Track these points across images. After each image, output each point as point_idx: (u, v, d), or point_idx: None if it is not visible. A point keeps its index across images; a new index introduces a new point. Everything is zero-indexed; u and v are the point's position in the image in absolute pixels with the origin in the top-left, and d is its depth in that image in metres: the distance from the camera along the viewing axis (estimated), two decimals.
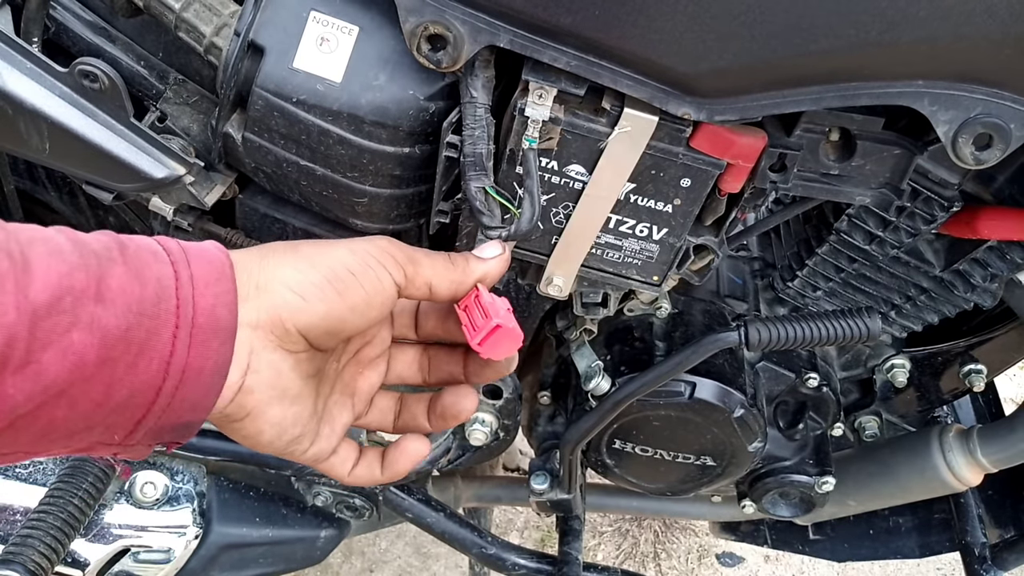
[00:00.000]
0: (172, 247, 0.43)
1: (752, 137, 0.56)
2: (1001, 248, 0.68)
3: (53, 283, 0.36)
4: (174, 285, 0.40)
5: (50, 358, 0.36)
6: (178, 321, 0.40)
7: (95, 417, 0.39)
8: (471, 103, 0.54)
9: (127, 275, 0.39)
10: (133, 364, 0.39)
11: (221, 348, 0.42)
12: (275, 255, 0.46)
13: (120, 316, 0.38)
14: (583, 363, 0.79)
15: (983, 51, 0.50)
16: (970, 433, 0.86)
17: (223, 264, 0.43)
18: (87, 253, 0.39)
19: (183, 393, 0.41)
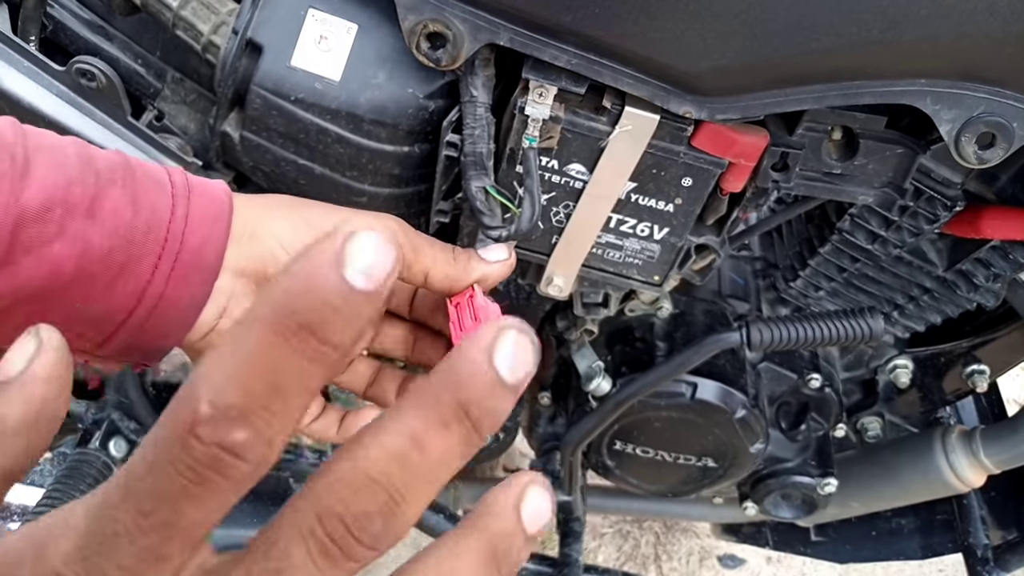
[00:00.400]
0: (178, 180, 0.43)
1: (754, 136, 0.55)
2: (1004, 248, 0.68)
3: (48, 193, 0.37)
4: (168, 218, 0.41)
5: (28, 263, 0.37)
6: (162, 253, 0.41)
7: (67, 323, 0.40)
8: (471, 102, 0.54)
9: (123, 198, 0.40)
10: (110, 284, 0.40)
11: (200, 286, 0.43)
12: (278, 208, 0.46)
13: (106, 236, 0.39)
14: (584, 364, 0.79)
15: (986, 49, 0.50)
16: (973, 434, 0.85)
17: (222, 206, 0.44)
18: (89, 170, 0.39)
19: (155, 320, 0.42)
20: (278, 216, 0.46)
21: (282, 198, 0.48)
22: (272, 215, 0.46)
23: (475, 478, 1.14)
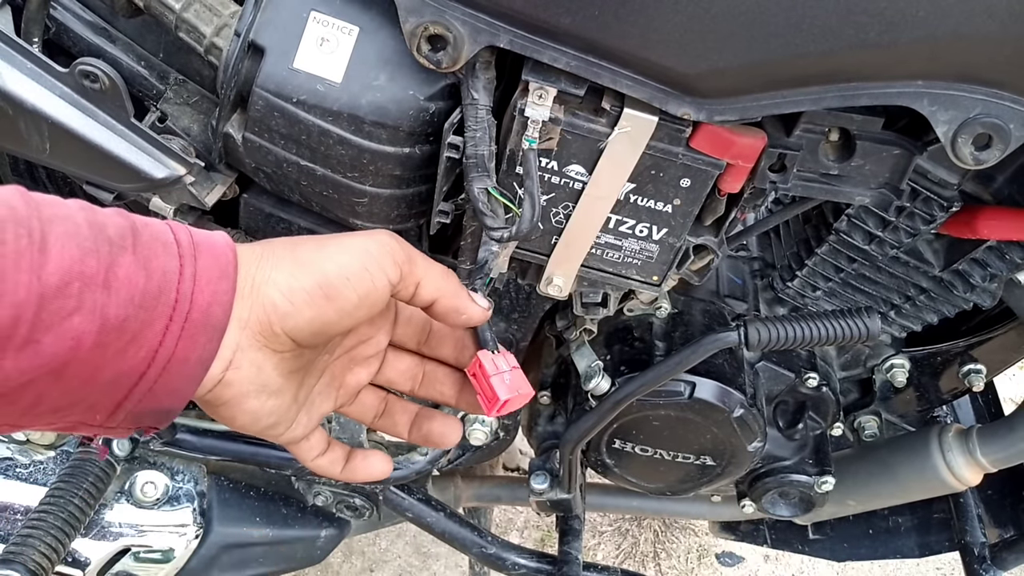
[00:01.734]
0: (183, 239, 0.43)
1: (752, 137, 0.56)
2: (1000, 248, 0.68)
3: (65, 267, 0.37)
4: (176, 279, 0.41)
5: (50, 340, 0.37)
6: (173, 315, 0.41)
7: (80, 395, 0.40)
8: (472, 105, 0.54)
9: (135, 265, 0.40)
10: (123, 350, 0.40)
11: (208, 343, 0.43)
12: (273, 256, 0.46)
13: (122, 306, 0.39)
14: (583, 363, 0.79)
15: (982, 51, 0.50)
16: (969, 433, 0.86)
17: (228, 262, 0.44)
18: (102, 239, 0.39)
19: (165, 380, 0.42)
20: (276, 264, 0.46)
21: (277, 242, 0.48)
22: (270, 264, 0.46)
23: (475, 476, 1.14)
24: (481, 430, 0.85)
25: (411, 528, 1.04)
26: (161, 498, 0.88)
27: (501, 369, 0.52)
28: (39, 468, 0.87)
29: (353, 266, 0.47)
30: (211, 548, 0.90)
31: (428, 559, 1.65)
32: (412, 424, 0.58)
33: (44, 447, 0.87)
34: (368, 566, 1.64)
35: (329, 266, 0.46)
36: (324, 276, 0.46)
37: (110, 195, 0.71)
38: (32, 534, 0.75)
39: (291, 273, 0.46)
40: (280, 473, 0.91)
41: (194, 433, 0.88)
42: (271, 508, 0.93)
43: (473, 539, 0.96)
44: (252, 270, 0.45)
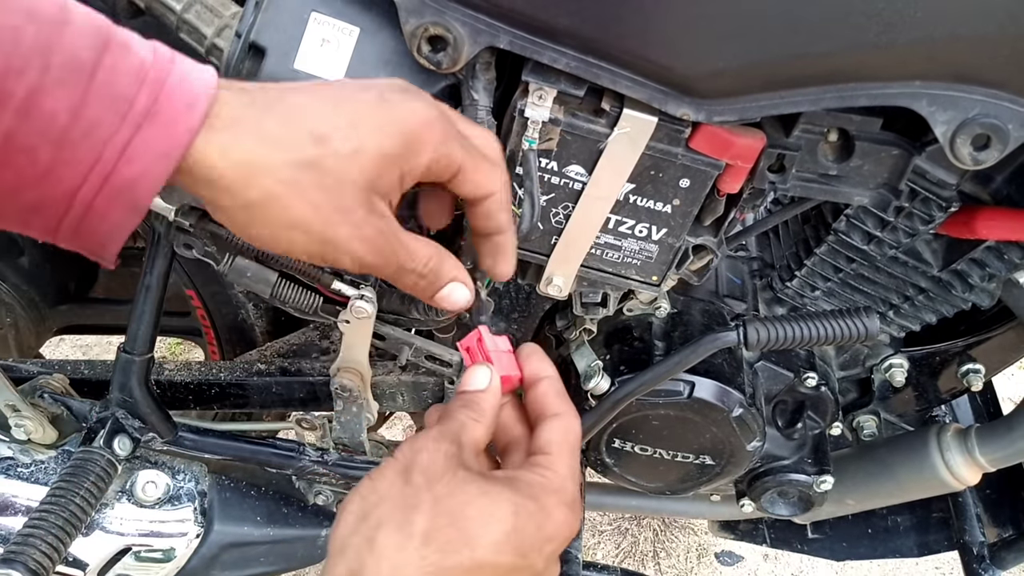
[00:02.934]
0: (142, 100, 0.40)
1: (751, 138, 0.56)
2: (999, 248, 0.68)
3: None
4: (106, 138, 0.40)
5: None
6: (91, 170, 0.40)
7: (11, 208, 0.41)
8: (472, 105, 0.55)
9: (65, 103, 0.39)
10: (40, 178, 0.39)
11: (128, 214, 0.42)
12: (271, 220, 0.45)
13: (32, 134, 0.38)
14: (582, 362, 0.79)
15: (981, 52, 0.50)
16: (968, 432, 0.86)
17: (176, 146, 0.41)
18: (38, 62, 0.38)
19: (88, 226, 0.42)
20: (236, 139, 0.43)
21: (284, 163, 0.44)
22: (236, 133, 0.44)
23: None
24: None
25: None
26: (162, 497, 0.88)
27: (500, 348, 0.53)
28: (40, 468, 0.87)
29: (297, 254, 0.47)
30: (212, 547, 0.90)
31: None
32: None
33: (45, 447, 0.87)
34: None
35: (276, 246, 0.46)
36: (266, 246, 0.47)
37: None
38: (33, 534, 0.75)
39: (244, 231, 0.45)
40: (281, 472, 0.91)
41: (195, 432, 0.88)
42: (272, 507, 0.94)
43: None
44: (232, 173, 0.43)
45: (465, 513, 0.44)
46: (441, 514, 0.44)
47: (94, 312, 1.16)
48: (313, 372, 0.89)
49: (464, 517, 0.44)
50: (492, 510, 0.45)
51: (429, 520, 0.44)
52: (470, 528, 0.44)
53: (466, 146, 0.49)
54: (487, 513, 0.45)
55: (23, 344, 1.09)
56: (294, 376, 0.89)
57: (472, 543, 0.44)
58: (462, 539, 0.44)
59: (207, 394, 0.91)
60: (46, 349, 1.29)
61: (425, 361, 0.81)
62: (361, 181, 0.45)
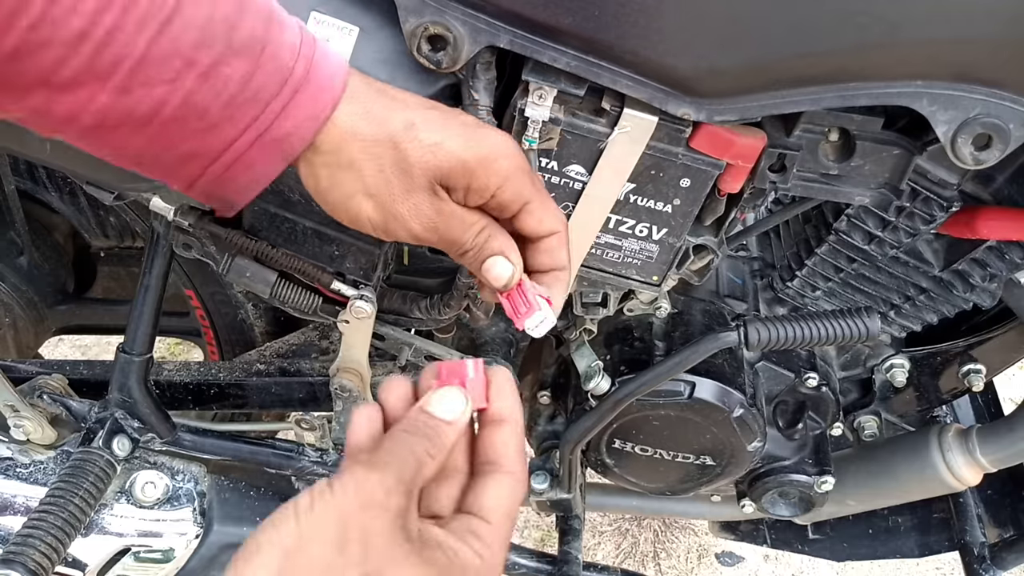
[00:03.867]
0: (299, 70, 0.47)
1: (752, 137, 0.56)
2: (1000, 248, 0.68)
3: (176, 47, 0.43)
4: (269, 100, 0.46)
5: (139, 94, 0.43)
6: (253, 124, 0.46)
7: (160, 156, 0.47)
8: (472, 105, 0.54)
9: (240, 72, 0.45)
10: (202, 132, 0.46)
11: (276, 162, 0.48)
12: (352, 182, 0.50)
13: (209, 97, 0.45)
14: (583, 363, 0.79)
15: (983, 52, 0.50)
16: (969, 433, 0.86)
17: (324, 107, 0.48)
18: (224, 38, 0.44)
19: (233, 174, 0.48)
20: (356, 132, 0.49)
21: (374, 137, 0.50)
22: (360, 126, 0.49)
23: None
24: None
25: None
26: (161, 498, 0.88)
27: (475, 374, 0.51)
28: (39, 468, 0.87)
29: (360, 223, 0.51)
30: (211, 548, 0.90)
31: None
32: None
33: (44, 447, 0.87)
34: None
35: (345, 214, 0.51)
36: (336, 213, 0.51)
37: (110, 195, 0.71)
38: (32, 534, 0.75)
39: (323, 195, 0.51)
40: (280, 473, 0.91)
41: (194, 433, 0.88)
42: (271, 508, 0.93)
43: None
44: (335, 139, 0.49)
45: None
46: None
47: (93, 312, 1.16)
48: (312, 372, 0.89)
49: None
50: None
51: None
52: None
53: (537, 184, 0.53)
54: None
55: (22, 344, 1.09)
56: (293, 376, 0.89)
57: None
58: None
59: (206, 394, 0.91)
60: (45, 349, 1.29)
61: (425, 361, 0.81)
62: (432, 170, 0.49)
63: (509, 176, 0.50)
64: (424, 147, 0.49)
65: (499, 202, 0.51)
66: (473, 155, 0.50)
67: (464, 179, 0.50)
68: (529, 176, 0.51)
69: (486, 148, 0.50)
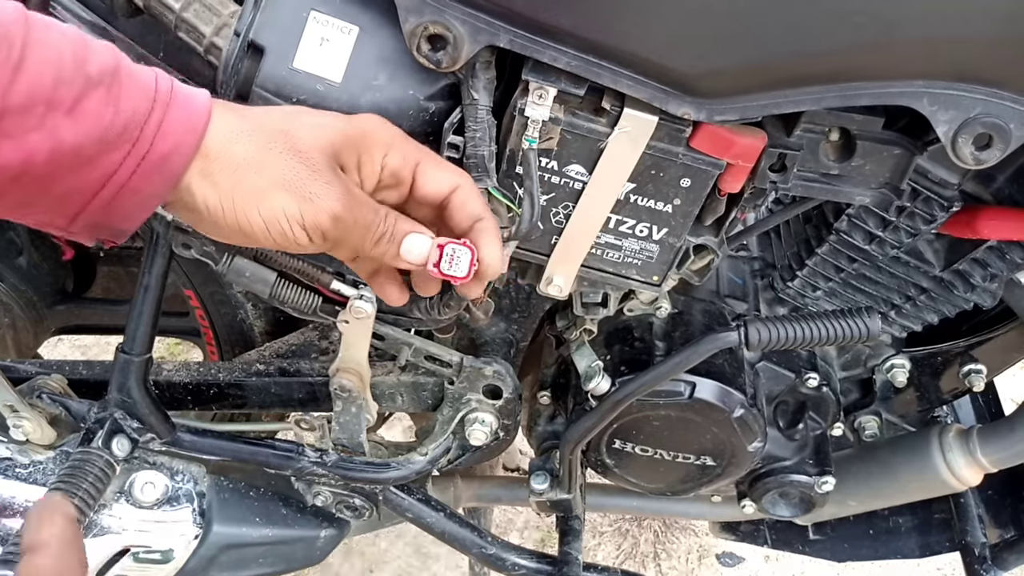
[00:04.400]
0: (163, 87, 0.46)
1: (752, 137, 0.56)
2: (1001, 248, 0.68)
3: (34, 91, 0.42)
4: (143, 122, 0.45)
5: (6, 147, 0.42)
6: (131, 151, 0.45)
7: (38, 199, 0.45)
8: (472, 104, 0.54)
9: (105, 101, 0.44)
10: (78, 169, 0.44)
11: (162, 184, 0.47)
12: (233, 157, 0.48)
13: (81, 135, 0.43)
14: (583, 363, 0.79)
15: (982, 51, 0.50)
16: (970, 433, 0.86)
17: (198, 120, 0.47)
18: (80, 72, 0.43)
19: (118, 203, 0.46)
20: (227, 166, 0.48)
21: (246, 140, 0.48)
22: (228, 158, 0.48)
23: (475, 477, 1.14)
24: (481, 430, 0.85)
25: (411, 529, 1.04)
26: (161, 498, 0.88)
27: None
28: (38, 468, 0.87)
29: (280, 225, 0.49)
30: (211, 548, 0.90)
31: (428, 560, 1.65)
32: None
33: (43, 447, 0.87)
34: (368, 567, 1.64)
35: (258, 215, 0.48)
36: (248, 222, 0.48)
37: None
38: None
39: (228, 198, 0.48)
40: (280, 473, 0.91)
41: (194, 433, 0.88)
42: (271, 508, 0.93)
43: (473, 539, 0.96)
44: (220, 142, 0.48)
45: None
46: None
47: (92, 312, 1.16)
48: (312, 372, 0.89)
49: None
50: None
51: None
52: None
53: (422, 148, 0.54)
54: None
55: (21, 344, 1.09)
56: (293, 376, 0.89)
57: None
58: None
59: (206, 394, 0.91)
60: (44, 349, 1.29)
61: (425, 361, 0.81)
62: (326, 148, 0.49)
63: (392, 142, 0.52)
64: (310, 128, 0.49)
65: (391, 171, 0.52)
66: (355, 128, 0.51)
67: (354, 152, 0.51)
68: (411, 141, 0.53)
69: (363, 122, 0.52)
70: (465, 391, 0.84)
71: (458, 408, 0.85)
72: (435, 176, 0.53)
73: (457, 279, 0.52)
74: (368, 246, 0.51)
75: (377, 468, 0.87)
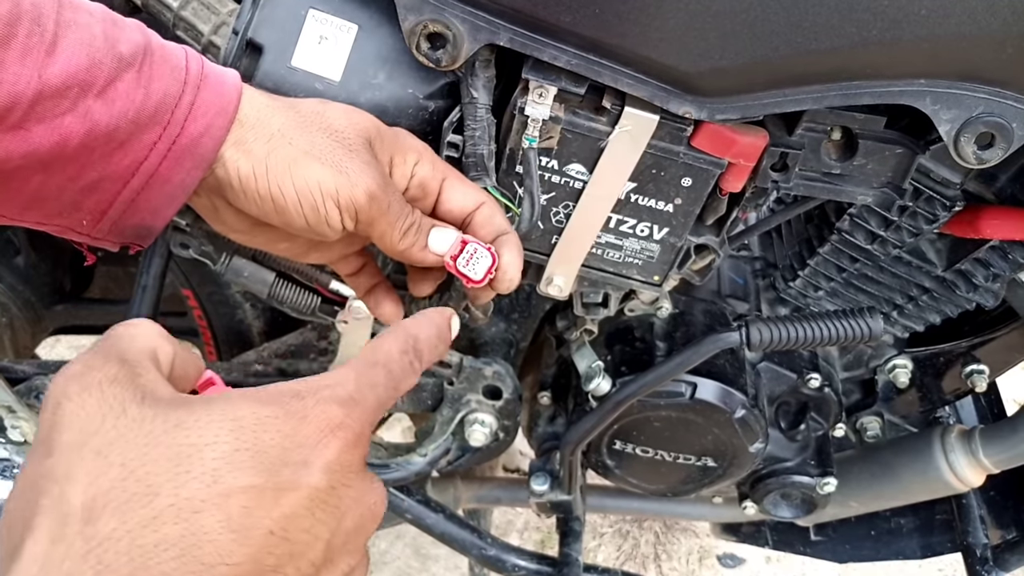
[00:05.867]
0: (194, 68, 0.45)
1: (753, 136, 0.55)
2: (1003, 248, 0.68)
3: (69, 72, 0.41)
4: (174, 104, 0.44)
5: (40, 131, 0.41)
6: (163, 134, 0.44)
7: (66, 192, 0.44)
8: (472, 103, 0.54)
9: (137, 83, 0.43)
10: (109, 155, 0.43)
11: (192, 170, 0.45)
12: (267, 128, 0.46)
13: (114, 117, 0.42)
14: (583, 363, 0.79)
15: (985, 50, 0.50)
16: (972, 434, 0.85)
17: (229, 101, 0.45)
18: (112, 53, 0.42)
19: (147, 195, 0.45)
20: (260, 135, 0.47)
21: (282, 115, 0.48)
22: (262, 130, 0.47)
23: (475, 478, 1.14)
24: (481, 431, 0.85)
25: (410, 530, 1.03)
26: None
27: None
28: None
29: (312, 198, 0.46)
30: None
31: (427, 561, 1.64)
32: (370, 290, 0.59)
33: None
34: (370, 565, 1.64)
35: (291, 185, 0.46)
36: (280, 193, 0.46)
37: None
38: None
39: (262, 164, 0.46)
40: None
41: None
42: None
43: (473, 541, 0.96)
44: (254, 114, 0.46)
45: (151, 456, 0.30)
46: (113, 466, 0.30)
47: (90, 312, 1.16)
48: (311, 373, 0.88)
49: (153, 460, 0.30)
50: (194, 439, 0.31)
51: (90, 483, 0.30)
52: (157, 472, 0.30)
53: (448, 164, 0.53)
54: (189, 444, 0.31)
55: (19, 345, 1.09)
56: (291, 377, 0.89)
57: (159, 488, 0.30)
58: (146, 489, 0.30)
59: None
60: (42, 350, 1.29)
61: None
62: (361, 131, 0.48)
63: (423, 152, 0.51)
64: (345, 113, 0.49)
65: (420, 181, 0.51)
66: (387, 128, 0.50)
67: (388, 150, 0.50)
68: (438, 156, 0.53)
69: (397, 129, 0.51)
70: (465, 392, 0.84)
71: (458, 409, 0.85)
72: (462, 191, 0.52)
73: (470, 280, 0.51)
74: (397, 235, 0.49)
75: (376, 469, 0.87)
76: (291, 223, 0.48)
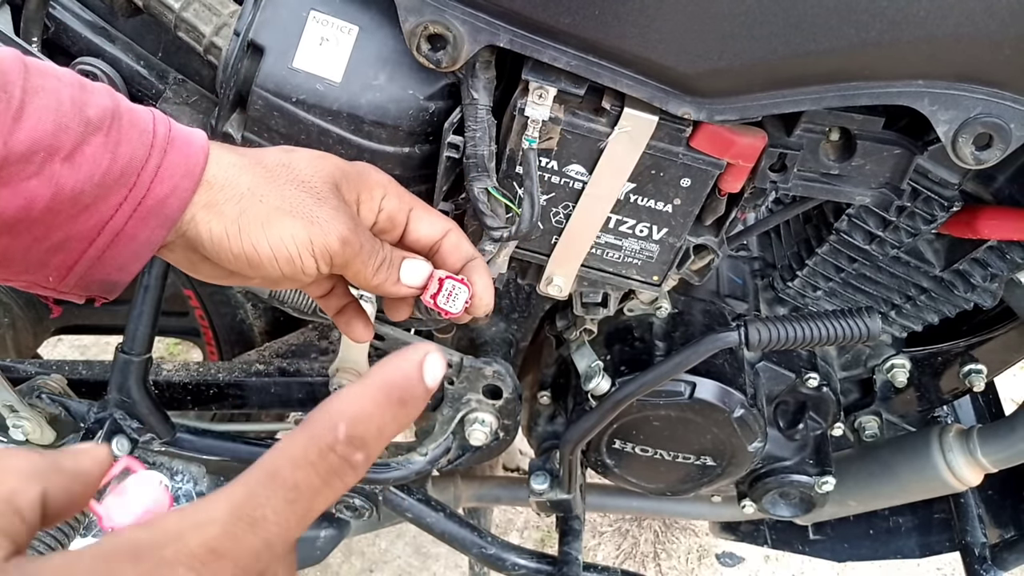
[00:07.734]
0: (160, 131, 0.46)
1: (752, 137, 0.56)
2: (1001, 248, 0.68)
3: (35, 138, 0.41)
4: (140, 167, 0.44)
5: (5, 194, 0.41)
6: (128, 196, 0.44)
7: (32, 253, 0.44)
8: (472, 104, 0.54)
9: (104, 147, 0.43)
10: (75, 216, 0.43)
11: (158, 228, 0.46)
12: (236, 187, 0.47)
13: (80, 180, 0.43)
14: (583, 363, 0.79)
15: (983, 51, 0.50)
16: (970, 433, 0.86)
17: (196, 163, 0.46)
18: (79, 117, 0.43)
19: (113, 252, 0.46)
20: (231, 197, 0.47)
21: (249, 172, 0.48)
22: (230, 190, 0.47)
23: (475, 477, 1.14)
24: (481, 430, 0.85)
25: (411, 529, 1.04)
26: None
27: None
28: None
29: (287, 251, 0.47)
30: None
31: (428, 559, 1.64)
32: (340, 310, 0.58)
33: (43, 447, 0.87)
34: (368, 566, 1.64)
35: (266, 242, 0.47)
36: (255, 250, 0.47)
37: None
38: None
39: (234, 224, 0.47)
40: None
41: (194, 433, 0.88)
42: None
43: (473, 539, 0.96)
44: (222, 174, 0.47)
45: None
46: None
47: (92, 312, 1.16)
48: (312, 373, 0.89)
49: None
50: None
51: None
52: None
53: (413, 195, 0.54)
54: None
55: (21, 344, 1.09)
56: (293, 377, 0.89)
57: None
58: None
59: (205, 395, 0.91)
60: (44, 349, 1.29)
61: None
62: (327, 177, 0.49)
63: (388, 186, 0.52)
64: (309, 160, 0.49)
65: (388, 214, 0.52)
66: (353, 167, 0.51)
67: (354, 189, 0.51)
68: (403, 188, 0.54)
69: (361, 166, 0.52)
70: (465, 391, 0.84)
71: (458, 408, 0.85)
72: (429, 220, 0.54)
73: (450, 314, 0.53)
74: (370, 273, 0.50)
75: (377, 468, 0.87)
76: (268, 276, 0.49)
